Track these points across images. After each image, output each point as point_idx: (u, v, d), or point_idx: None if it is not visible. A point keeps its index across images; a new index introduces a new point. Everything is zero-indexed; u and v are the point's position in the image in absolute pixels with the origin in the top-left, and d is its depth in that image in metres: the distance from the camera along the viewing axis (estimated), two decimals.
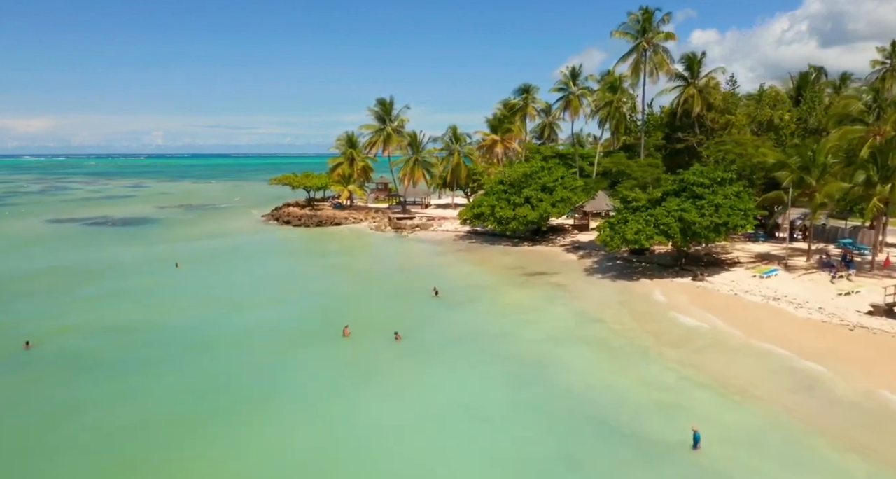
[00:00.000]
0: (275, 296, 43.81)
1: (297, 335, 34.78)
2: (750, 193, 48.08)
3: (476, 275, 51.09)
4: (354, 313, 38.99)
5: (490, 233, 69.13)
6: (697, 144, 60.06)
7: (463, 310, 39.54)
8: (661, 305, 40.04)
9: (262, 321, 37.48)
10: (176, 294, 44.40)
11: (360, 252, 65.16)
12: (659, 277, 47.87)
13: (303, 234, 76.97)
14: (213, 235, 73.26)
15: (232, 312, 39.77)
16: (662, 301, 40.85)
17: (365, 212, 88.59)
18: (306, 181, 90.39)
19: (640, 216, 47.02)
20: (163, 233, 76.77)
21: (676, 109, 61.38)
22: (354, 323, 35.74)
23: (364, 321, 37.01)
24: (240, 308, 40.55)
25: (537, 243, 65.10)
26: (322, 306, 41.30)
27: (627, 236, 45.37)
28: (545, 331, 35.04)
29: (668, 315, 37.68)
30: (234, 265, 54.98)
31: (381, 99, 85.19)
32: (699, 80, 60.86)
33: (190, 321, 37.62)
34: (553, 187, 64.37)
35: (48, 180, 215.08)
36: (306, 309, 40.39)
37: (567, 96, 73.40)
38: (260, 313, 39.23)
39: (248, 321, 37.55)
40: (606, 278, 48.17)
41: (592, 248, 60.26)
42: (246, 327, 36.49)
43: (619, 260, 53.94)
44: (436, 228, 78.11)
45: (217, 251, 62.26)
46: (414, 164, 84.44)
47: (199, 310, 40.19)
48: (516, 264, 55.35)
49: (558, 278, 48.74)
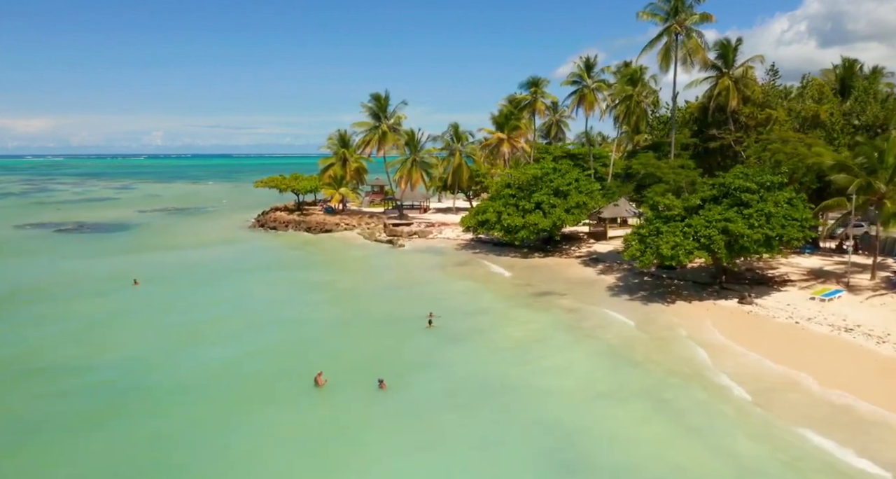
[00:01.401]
0: (241, 325, 36.52)
1: (257, 384, 27.52)
2: (804, 200, 40.77)
3: (479, 295, 43.80)
4: (333, 349, 31.82)
5: (495, 242, 61.83)
6: (735, 143, 52.61)
7: (464, 346, 32.24)
8: (712, 340, 32.62)
9: (217, 362, 30.23)
10: (123, 323, 37.13)
11: (348, 266, 57.75)
12: (697, 298, 40.55)
13: (288, 242, 69.64)
14: (189, 245, 65.97)
15: (184, 348, 32.54)
16: (714, 336, 33.41)
17: (358, 217, 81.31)
18: (294, 184, 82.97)
19: (676, 227, 39.69)
20: (133, 242, 69.49)
21: (708, 103, 53.95)
22: (333, 363, 28.82)
23: (344, 361, 29.91)
24: (195, 343, 33.31)
25: (549, 253, 57.77)
26: (296, 338, 34.00)
27: (663, 252, 38.02)
28: (570, 379, 27.74)
29: (726, 356, 30.30)
30: (203, 283, 47.68)
31: (375, 94, 77.84)
32: (734, 70, 53.43)
33: (129, 362, 30.43)
34: (567, 192, 57.06)
35: (36, 182, 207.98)
36: (276, 343, 33.09)
37: (581, 90, 66.02)
38: (218, 351, 31.98)
39: (200, 362, 30.32)
40: (635, 301, 40.83)
41: (613, 260, 52.92)
42: (196, 370, 29.26)
43: (647, 276, 46.60)
44: (435, 236, 70.88)
45: (187, 265, 55.00)
46: (411, 165, 76.98)
47: (145, 345, 32.95)
48: (526, 280, 48.08)
49: (577, 300, 41.45)
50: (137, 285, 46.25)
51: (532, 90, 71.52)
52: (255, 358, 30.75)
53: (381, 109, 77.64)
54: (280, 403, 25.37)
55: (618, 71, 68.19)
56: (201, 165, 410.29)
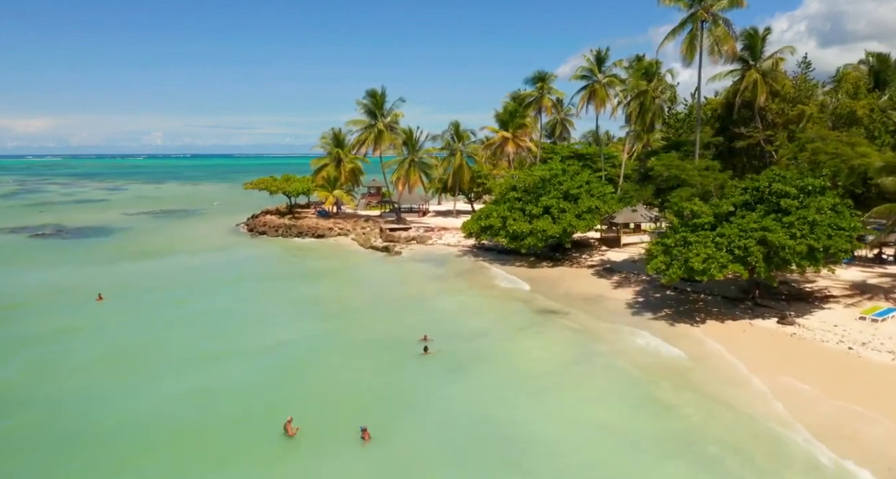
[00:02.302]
0: (210, 349, 31.76)
1: (214, 431, 22.81)
2: (850, 207, 35.98)
3: (482, 312, 39.02)
4: (311, 383, 27.13)
5: (500, 249, 57.10)
6: (766, 142, 47.70)
7: (463, 380, 27.48)
8: (760, 373, 27.76)
9: (172, 399, 25.52)
10: (73, 347, 32.40)
11: (339, 277, 52.80)
12: (730, 316, 35.80)
13: (277, 249, 64.85)
14: (168, 252, 61.21)
15: (139, 379, 27.84)
16: (760, 366, 28.55)
17: (353, 221, 76.53)
18: (286, 186, 78.15)
19: (706, 237, 34.89)
20: (110, 248, 64.73)
21: (733, 98, 49.07)
22: (309, 403, 24.51)
23: (321, 400, 25.28)
24: (151, 372, 28.60)
25: (558, 262, 53.01)
26: (269, 367, 29.23)
27: (694, 266, 33.19)
28: (591, 425, 22.98)
29: (787, 396, 25.48)
30: (175, 297, 42.90)
31: (371, 91, 72.82)
32: (762, 62, 48.52)
33: (74, 396, 25.99)
34: (577, 195, 52.28)
35: (29, 182, 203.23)
36: (246, 375, 28.34)
37: (591, 85, 61.15)
38: (178, 384, 27.24)
39: (154, 399, 25.62)
40: (659, 319, 36.03)
41: (629, 270, 48.16)
42: (147, 410, 24.56)
43: (670, 290, 41.80)
44: (434, 242, 66.15)
45: (162, 275, 50.23)
46: (409, 165, 72.13)
47: (93, 375, 28.31)
48: (533, 293, 43.36)
49: (592, 319, 36.70)
50: (101, 299, 41.54)
51: (538, 86, 66.55)
52: (218, 395, 26.02)
53: (377, 107, 72.76)
54: (238, 460, 20.63)
55: (630, 66, 63.29)
56: (200, 165, 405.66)
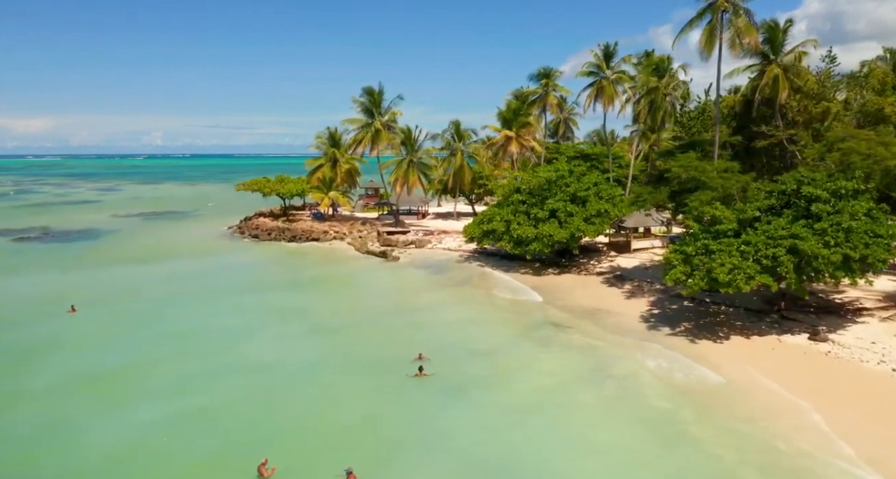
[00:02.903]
0: (185, 371, 28.74)
1: (187, 471, 19.82)
2: (886, 212, 32.95)
3: (483, 326, 35.97)
4: (292, 415, 24.11)
5: (503, 254, 54.05)
6: (788, 141, 44.58)
7: (462, 408, 24.51)
8: (798, 400, 24.74)
9: (139, 434, 22.53)
10: (36, 367, 29.39)
11: (332, 286, 49.66)
12: (755, 331, 32.81)
13: (268, 254, 61.84)
14: (154, 258, 58.21)
15: (100, 407, 24.91)
16: (798, 392, 25.53)
17: (350, 223, 73.51)
18: (279, 187, 75.11)
19: (730, 245, 31.86)
20: (95, 253, 61.75)
21: (752, 95, 45.99)
22: (289, 437, 21.63)
23: (303, 434, 22.30)
24: (119, 401, 25.60)
25: (565, 269, 50.00)
26: (249, 396, 26.17)
27: (718, 277, 30.14)
28: (608, 466, 19.93)
29: (838, 426, 22.47)
30: (154, 310, 39.88)
31: (368, 88, 69.69)
32: (783, 56, 45.43)
33: (29, 427, 22.90)
34: (585, 198, 49.30)
35: (24, 183, 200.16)
36: (220, 402, 25.34)
37: (599, 82, 58.05)
38: (141, 413, 24.26)
39: (117, 432, 22.67)
40: (678, 335, 33.00)
41: (640, 277, 45.17)
42: (108, 446, 21.62)
43: (687, 301, 38.75)
44: (434, 246, 63.16)
45: (144, 284, 47.23)
46: (408, 166, 69.06)
47: (52, 401, 25.37)
48: (539, 304, 40.41)
49: (604, 333, 33.71)
50: (74, 312, 38.58)
51: (543, 82, 63.39)
52: (191, 427, 23.05)
53: (374, 105, 69.65)
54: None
55: (639, 62, 60.21)
56: (198, 165, 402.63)
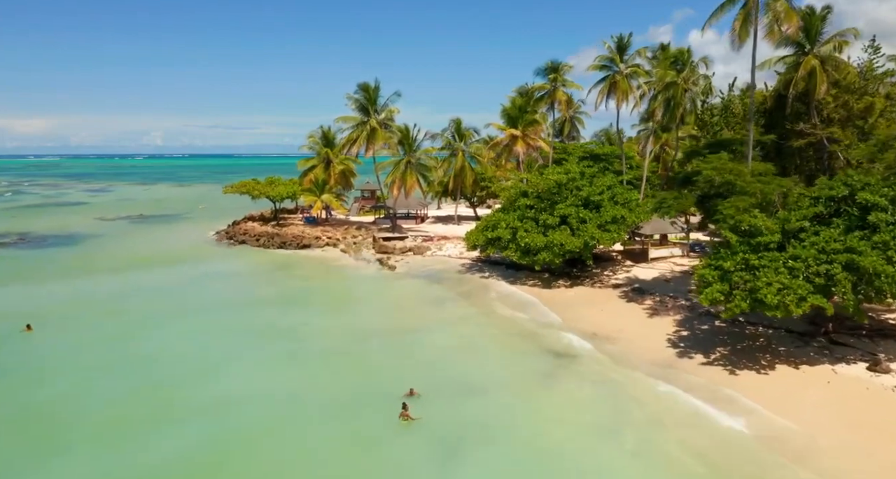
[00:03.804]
0: (134, 415, 24.35)
1: None
2: None
3: (485, 353, 31.57)
4: (255, 474, 19.70)
5: (507, 262, 49.68)
6: (829, 140, 40.23)
7: (457, 466, 20.10)
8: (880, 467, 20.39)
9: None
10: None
11: (318, 301, 44.43)
12: (803, 359, 28.49)
13: (254, 263, 57.49)
14: (132, 267, 53.88)
15: (31, 454, 20.52)
16: (883, 452, 21.17)
17: (344, 228, 69.18)
18: (269, 190, 70.72)
19: (775, 260, 27.50)
20: (68, 261, 57.43)
21: (785, 89, 41.64)
22: None
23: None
24: (51, 446, 21.25)
25: (577, 280, 45.66)
26: (207, 444, 21.84)
27: (766, 299, 25.77)
28: None
29: None
30: (118, 330, 35.55)
31: (363, 84, 65.22)
32: (820, 46, 41.08)
33: None
34: (599, 202, 45.01)
35: (16, 184, 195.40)
36: (175, 455, 20.99)
37: (612, 77, 53.68)
38: (84, 465, 19.94)
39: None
40: (714, 364, 28.63)
41: (662, 291, 40.85)
42: None
43: (720, 321, 34.38)
44: (434, 253, 58.86)
45: (113, 297, 42.96)
46: (405, 167, 64.66)
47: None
48: (549, 322, 36.12)
49: (625, 364, 29.37)
50: (30, 330, 34.33)
51: (551, 77, 59.01)
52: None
53: (369, 102, 65.25)
54: None
55: (654, 56, 55.89)
56: (196, 165, 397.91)
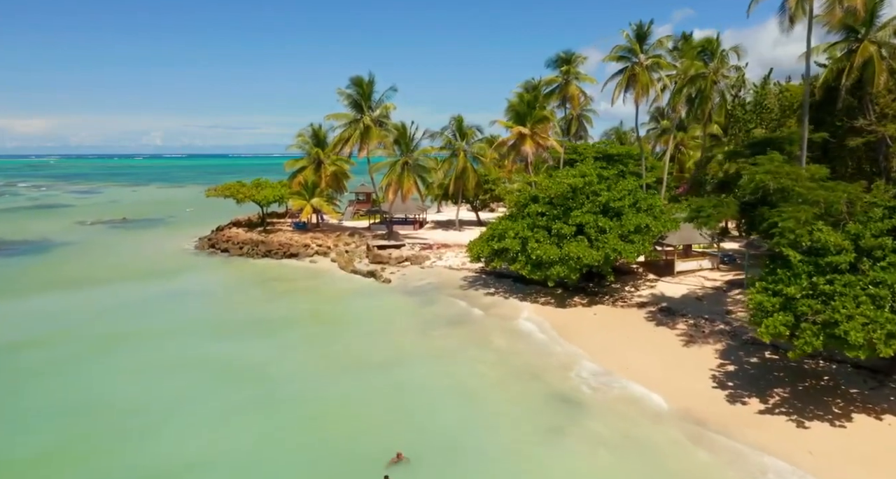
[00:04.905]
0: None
1: None
2: None
3: (483, 400, 25.73)
4: None
5: (516, 275, 44.05)
6: (892, 139, 34.66)
7: None
8: None
9: None
10: None
11: (300, 326, 37.84)
12: (886, 407, 23.01)
13: (233, 276, 51.96)
14: (95, 281, 48.44)
15: None
16: None
17: (336, 235, 63.66)
18: (255, 193, 65.20)
19: (851, 285, 21.97)
20: (26, 274, 51.96)
21: (836, 81, 36.14)
22: None
23: None
24: None
25: (594, 297, 40.22)
26: None
27: (850, 337, 20.18)
28: None
29: None
30: (55, 364, 29.96)
31: (356, 78, 59.62)
32: (876, 31, 35.55)
33: None
34: (620, 209, 39.49)
35: (12, 184, 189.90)
36: None
37: (631, 68, 48.16)
38: None
39: None
40: (774, 415, 23.09)
41: (694, 311, 35.41)
42: None
43: (771, 351, 28.83)
44: (433, 263, 53.39)
45: (61, 320, 37.52)
46: (402, 169, 59.09)
47: None
48: (565, 353, 30.57)
49: (660, 420, 23.77)
50: None
51: (563, 70, 53.41)
52: None
53: (363, 98, 59.72)
54: None
55: (676, 47, 50.43)
56: (194, 165, 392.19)
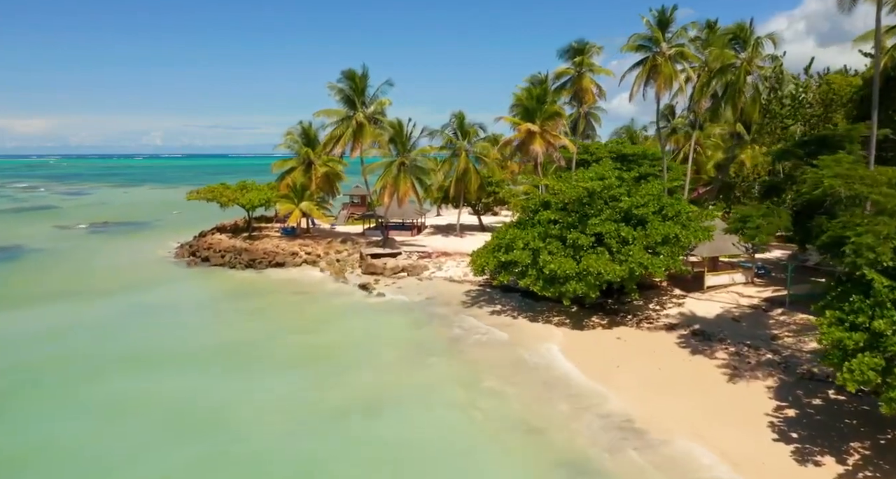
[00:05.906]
0: None
1: None
2: None
3: (486, 456, 21.08)
4: None
5: (525, 290, 39.13)
6: None
7: None
8: None
9: None
10: None
11: (270, 352, 32.13)
12: None
13: (210, 290, 47.04)
14: (58, 295, 43.66)
15: None
16: None
17: (328, 241, 58.80)
18: (239, 196, 60.25)
19: None
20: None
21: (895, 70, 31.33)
22: None
23: None
24: None
25: (614, 316, 35.42)
26: None
27: None
28: None
29: None
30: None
31: (348, 71, 54.54)
32: None
33: None
34: (644, 217, 34.61)
35: (6, 185, 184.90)
36: None
37: (653, 59, 43.25)
38: None
39: None
40: (853, 475, 18.26)
41: (734, 336, 30.56)
42: None
43: (835, 390, 23.98)
44: (432, 274, 48.66)
45: (6, 345, 32.61)
46: (398, 170, 54.10)
47: None
48: (583, 403, 25.46)
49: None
50: None
51: (576, 61, 48.39)
52: None
53: (356, 93, 54.77)
54: None
55: (698, 37, 45.45)
56: (191, 165, 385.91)
